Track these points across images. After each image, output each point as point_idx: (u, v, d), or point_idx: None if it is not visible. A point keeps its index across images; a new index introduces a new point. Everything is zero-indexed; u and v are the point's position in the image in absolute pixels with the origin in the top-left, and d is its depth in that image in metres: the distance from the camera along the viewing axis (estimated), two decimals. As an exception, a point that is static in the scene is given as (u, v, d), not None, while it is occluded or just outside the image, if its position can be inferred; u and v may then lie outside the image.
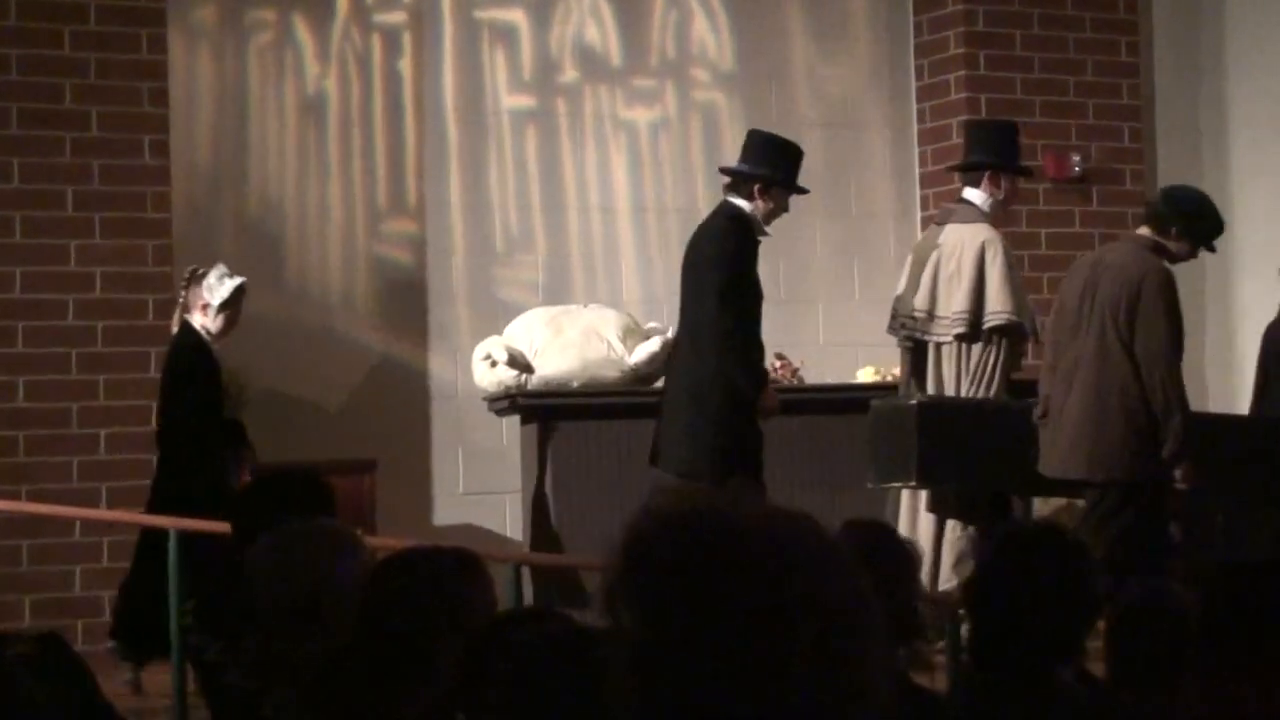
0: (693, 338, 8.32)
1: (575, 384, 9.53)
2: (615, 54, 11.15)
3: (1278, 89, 11.16)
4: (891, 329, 9.19)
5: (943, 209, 9.23)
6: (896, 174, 11.63)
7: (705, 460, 8.10)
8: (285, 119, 10.42)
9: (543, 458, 9.42)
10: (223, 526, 5.18)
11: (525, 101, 10.93)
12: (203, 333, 8.53)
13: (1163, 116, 11.94)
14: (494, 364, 9.59)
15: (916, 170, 11.65)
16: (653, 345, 9.68)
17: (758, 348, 8.36)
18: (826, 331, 11.30)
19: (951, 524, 8.78)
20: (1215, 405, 11.77)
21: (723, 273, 8.24)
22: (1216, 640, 3.93)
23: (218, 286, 8.52)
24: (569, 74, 11.04)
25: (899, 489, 8.90)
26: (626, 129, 11.14)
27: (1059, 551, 3.74)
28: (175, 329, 8.67)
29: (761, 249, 11.20)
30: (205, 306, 8.52)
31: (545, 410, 9.47)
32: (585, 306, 10.07)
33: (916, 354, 9.00)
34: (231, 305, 8.55)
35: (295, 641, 4.08)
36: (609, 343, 9.61)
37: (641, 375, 9.63)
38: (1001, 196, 8.99)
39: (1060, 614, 3.66)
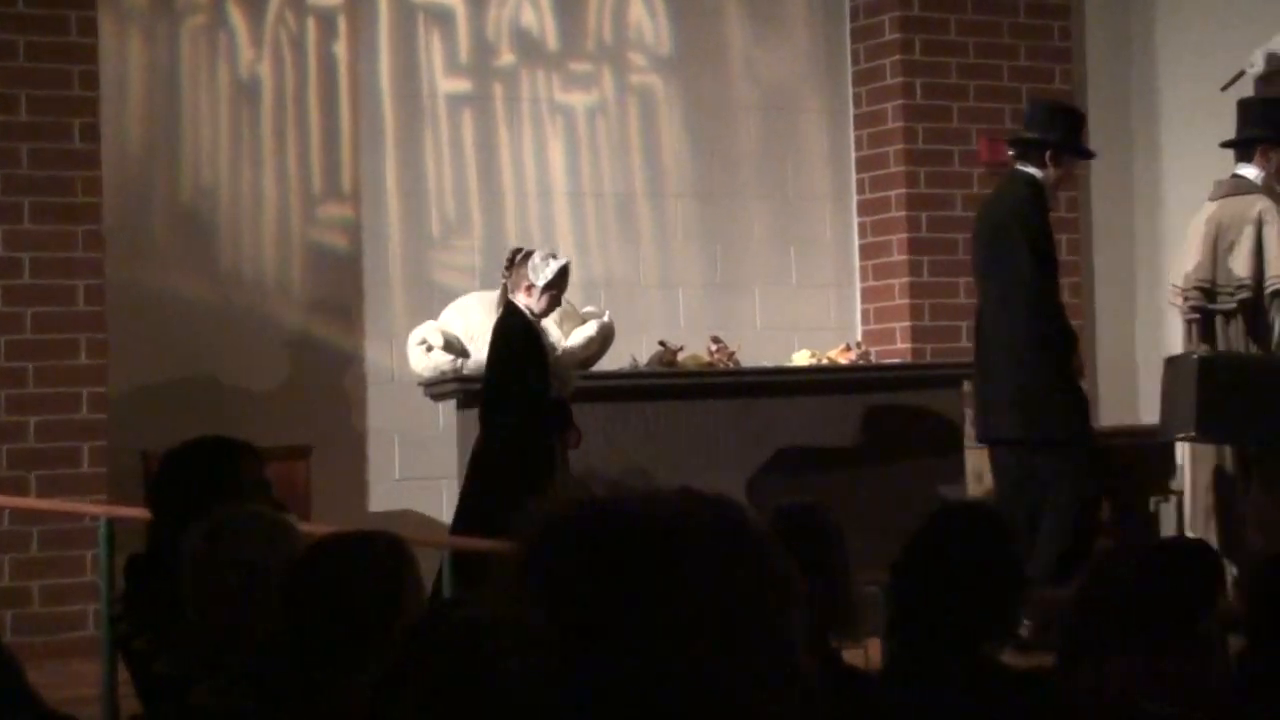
0: (1004, 304, 8.52)
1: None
2: (552, 38, 11.12)
3: (1207, 72, 11.21)
4: (1171, 301, 9.40)
5: (1217, 185, 9.39)
6: (832, 158, 11.64)
7: (1045, 423, 8.36)
8: (218, 103, 10.35)
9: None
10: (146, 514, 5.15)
11: (461, 85, 10.89)
12: (527, 312, 8.52)
13: (1095, 101, 11.98)
14: (429, 349, 9.55)
15: (852, 154, 11.66)
16: (589, 329, 9.66)
17: (1063, 310, 8.64)
18: (763, 315, 11.31)
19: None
20: (1145, 379, 11.85)
21: (1033, 238, 8.46)
22: (1142, 615, 3.95)
23: (543, 267, 8.53)
24: (505, 58, 11.01)
25: (1185, 442, 9.15)
26: (563, 113, 11.12)
27: (986, 528, 3.75)
28: (499, 309, 8.64)
29: (697, 232, 11.26)
30: (530, 287, 8.52)
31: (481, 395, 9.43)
32: (521, 291, 10.03)
33: (1204, 325, 9.17)
34: (556, 285, 8.56)
35: (226, 629, 4.06)
36: (545, 327, 9.58)
37: (578, 359, 9.60)
38: (1273, 169, 9.18)
39: (988, 591, 3.66)
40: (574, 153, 11.10)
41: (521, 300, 8.52)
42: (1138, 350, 11.95)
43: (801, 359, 10.21)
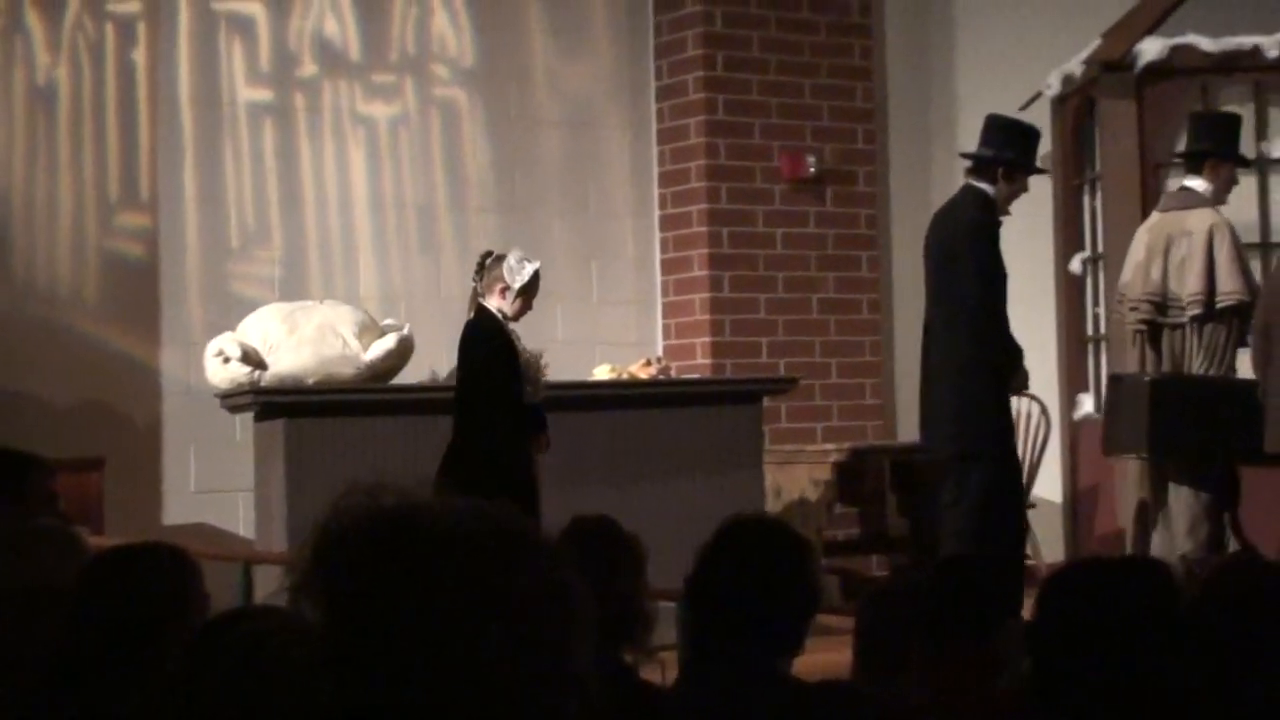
0: (950, 319, 8.65)
1: (310, 380, 9.43)
2: (355, 48, 11.06)
3: (1005, 93, 11.38)
4: (1118, 313, 9.48)
5: (1166, 197, 9.46)
6: (635, 173, 11.69)
7: (976, 436, 8.50)
8: (14, 109, 10.17)
9: (276, 455, 9.31)
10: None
11: (263, 94, 10.80)
12: (498, 315, 8.34)
13: (895, 118, 12.14)
14: (227, 360, 9.45)
15: (655, 169, 11.71)
16: (388, 342, 9.60)
17: (1008, 327, 8.76)
18: (564, 329, 11.32)
19: (1186, 491, 9.04)
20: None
21: (982, 256, 8.59)
22: (940, 627, 4.01)
23: (518, 269, 8.34)
24: (308, 68, 10.93)
25: (1130, 460, 9.26)
26: (365, 124, 11.06)
27: (779, 544, 3.77)
28: (471, 313, 8.44)
29: (498, 245, 11.21)
30: (504, 290, 8.32)
31: (279, 407, 9.36)
32: (321, 302, 9.97)
33: (1152, 336, 9.26)
34: (531, 289, 8.38)
35: (9, 645, 4.00)
36: (344, 339, 9.52)
37: (377, 372, 9.55)
38: (1222, 183, 9.26)
39: (780, 607, 3.69)
40: (375, 164, 11.04)
41: (493, 303, 8.41)
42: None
43: (602, 373, 10.22)
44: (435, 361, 10.07)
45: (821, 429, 11.56)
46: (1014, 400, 9.01)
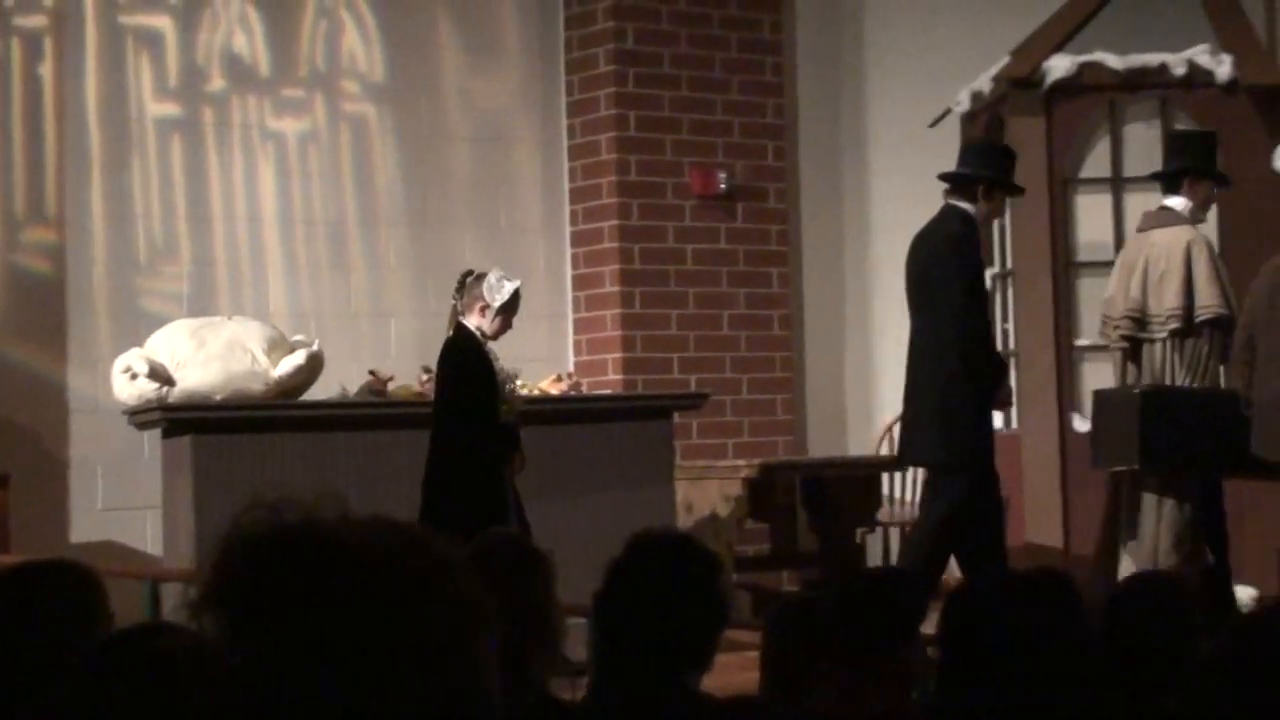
0: (936, 335, 8.73)
1: (218, 397, 9.37)
2: (264, 63, 11.01)
3: (915, 110, 11.45)
4: (1103, 332, 9.54)
5: (1145, 217, 9.51)
6: (546, 189, 11.68)
7: (960, 451, 8.61)
8: (-83, 123, 10.09)
9: (184, 472, 9.25)
10: None
11: (171, 109, 10.73)
12: (477, 334, 8.29)
13: (806, 135, 12.18)
14: (134, 377, 9.38)
15: (566, 185, 11.71)
16: (297, 358, 9.56)
17: (992, 341, 8.98)
18: (475, 345, 11.30)
19: (1170, 505, 9.07)
20: (852, 411, 12.07)
21: (966, 274, 8.72)
22: (849, 643, 4.02)
23: (498, 288, 8.35)
24: (216, 82, 10.87)
25: (1120, 472, 9.29)
26: (274, 139, 11.01)
27: (689, 560, 3.77)
28: (450, 332, 8.39)
29: (409, 260, 11.21)
30: (484, 308, 8.32)
31: (187, 424, 9.30)
32: (230, 318, 9.92)
33: (1133, 352, 9.34)
34: (511, 308, 8.34)
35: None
36: (253, 355, 9.47)
37: (286, 388, 9.50)
38: (1199, 201, 9.36)
39: (690, 622, 3.68)
40: (285, 179, 10.99)
41: (472, 322, 8.41)
42: (846, 381, 12.15)
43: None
44: (345, 377, 10.04)
45: (732, 445, 11.58)
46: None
